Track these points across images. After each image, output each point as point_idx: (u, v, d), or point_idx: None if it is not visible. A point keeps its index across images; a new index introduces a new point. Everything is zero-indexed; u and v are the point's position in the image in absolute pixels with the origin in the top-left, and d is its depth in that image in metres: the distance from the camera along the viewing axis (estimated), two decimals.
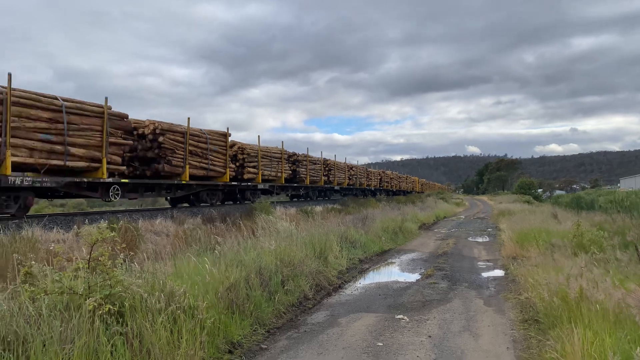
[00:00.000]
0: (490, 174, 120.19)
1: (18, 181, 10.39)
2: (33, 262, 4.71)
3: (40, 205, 26.73)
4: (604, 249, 8.48)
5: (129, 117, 13.66)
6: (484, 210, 39.61)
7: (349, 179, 35.55)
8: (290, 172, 25.14)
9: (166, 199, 17.65)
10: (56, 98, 11.37)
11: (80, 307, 4.17)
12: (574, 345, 4.36)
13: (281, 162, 23.57)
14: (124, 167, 13.32)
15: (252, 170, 20.29)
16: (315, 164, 28.59)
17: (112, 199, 13.00)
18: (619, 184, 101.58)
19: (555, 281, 6.28)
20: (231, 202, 20.10)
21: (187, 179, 15.67)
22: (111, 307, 4.20)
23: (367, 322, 6.22)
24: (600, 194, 31.14)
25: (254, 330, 5.64)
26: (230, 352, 4.97)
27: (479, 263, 11.35)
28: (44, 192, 12.11)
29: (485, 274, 9.86)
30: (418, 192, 61.47)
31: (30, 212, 11.76)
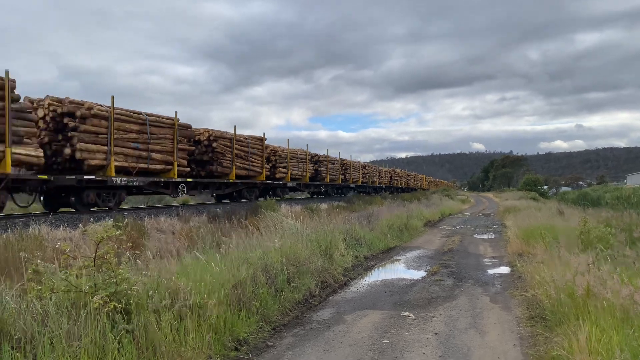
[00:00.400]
0: (495, 171, 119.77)
1: (118, 181, 13.15)
2: (39, 260, 4.73)
3: None
4: (611, 246, 8.43)
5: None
6: (489, 207, 39.50)
7: (363, 177, 38.05)
8: (313, 171, 28.06)
9: (212, 195, 20.43)
10: (141, 113, 14.21)
11: (87, 304, 4.19)
12: (581, 342, 4.34)
13: (306, 162, 26.61)
14: (189, 169, 16.26)
15: (282, 170, 23.57)
16: (333, 163, 31.35)
17: (180, 195, 15.65)
18: (625, 181, 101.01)
19: (562, 278, 6.25)
20: (262, 198, 22.19)
21: (234, 178, 18.69)
22: (116, 304, 4.22)
23: (373, 319, 6.22)
24: (606, 190, 30.99)
25: (260, 328, 5.65)
26: (236, 349, 4.98)
27: (485, 260, 11.32)
28: (132, 190, 14.60)
29: (491, 271, 9.83)
30: (424, 190, 61.56)
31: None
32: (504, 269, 10.02)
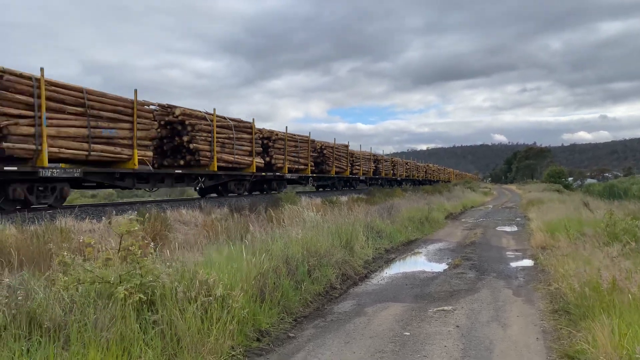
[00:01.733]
0: (518, 163, 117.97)
1: (222, 175, 17.09)
2: (65, 252, 4.85)
3: (78, 195, 27.39)
4: (638, 239, 8.26)
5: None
6: (512, 199, 38.99)
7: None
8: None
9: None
10: (226, 119, 17.23)
11: (112, 295, 4.29)
12: (606, 337, 4.28)
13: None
14: (262, 164, 19.03)
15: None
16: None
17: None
18: None
19: (587, 271, 6.16)
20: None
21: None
22: (141, 296, 4.30)
23: (394, 312, 6.22)
24: (634, 182, 30.28)
25: (282, 319, 5.70)
26: (258, 340, 5.04)
27: (508, 253, 11.20)
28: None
29: (514, 264, 9.73)
30: (445, 182, 61.17)
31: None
32: (527, 262, 9.90)
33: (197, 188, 17.49)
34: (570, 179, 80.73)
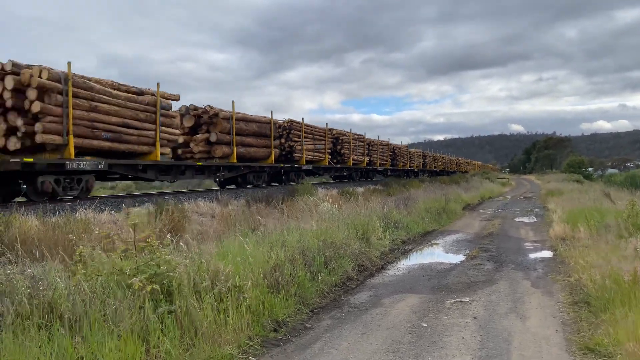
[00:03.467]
0: (538, 153, 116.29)
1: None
2: (81, 246, 4.92)
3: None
4: None
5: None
6: (531, 189, 38.51)
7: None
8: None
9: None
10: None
11: (130, 286, 4.34)
12: (627, 329, 4.22)
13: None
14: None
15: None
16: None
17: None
18: None
19: (608, 263, 6.06)
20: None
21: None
22: (155, 286, 4.33)
23: (411, 303, 6.20)
24: None
25: (298, 310, 5.72)
26: (275, 330, 5.06)
27: (526, 244, 11.08)
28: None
29: (532, 255, 9.62)
30: (462, 172, 60.71)
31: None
32: (546, 253, 9.78)
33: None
34: (590, 169, 79.45)
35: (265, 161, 18.64)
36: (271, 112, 18.96)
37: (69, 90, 10.45)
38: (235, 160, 16.58)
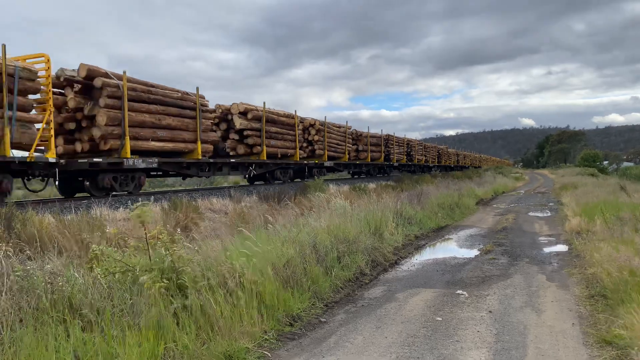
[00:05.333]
0: (551, 147, 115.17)
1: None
2: (94, 245, 4.98)
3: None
4: None
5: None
6: (544, 184, 38.16)
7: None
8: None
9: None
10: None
11: (143, 283, 4.38)
12: None
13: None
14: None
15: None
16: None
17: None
18: None
19: (625, 256, 5.99)
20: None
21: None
22: (166, 282, 4.37)
23: (425, 298, 6.19)
24: None
25: (313, 304, 5.73)
26: (290, 324, 5.08)
27: (541, 238, 10.99)
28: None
29: (547, 249, 9.54)
30: (476, 167, 60.42)
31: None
32: (561, 247, 9.69)
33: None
34: (605, 162, 78.49)
35: (291, 158, 19.88)
36: (295, 111, 20.30)
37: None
38: (265, 158, 17.74)
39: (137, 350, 3.76)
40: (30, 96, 10.01)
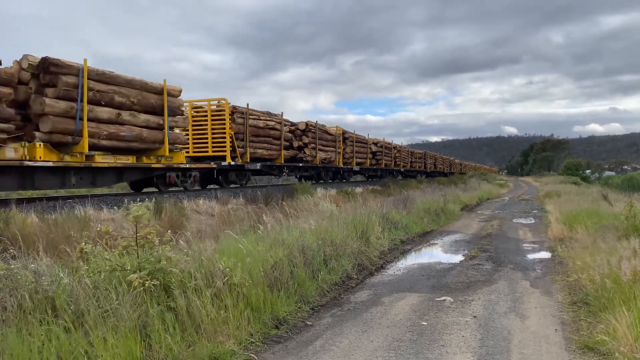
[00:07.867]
0: (535, 155, 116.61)
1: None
2: (83, 243, 4.93)
3: None
4: None
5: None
6: (528, 191, 38.59)
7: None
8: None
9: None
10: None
11: (131, 282, 4.34)
12: (626, 328, 4.24)
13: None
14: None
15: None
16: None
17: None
18: None
19: (607, 263, 6.09)
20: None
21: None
22: (155, 282, 4.34)
23: (411, 302, 6.22)
24: None
25: (299, 308, 5.73)
26: (276, 327, 5.08)
27: (525, 245, 11.11)
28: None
29: (531, 256, 9.65)
30: (460, 173, 61.01)
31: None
32: (545, 254, 9.81)
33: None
34: (588, 171, 79.70)
35: (332, 163, 25.63)
36: (338, 127, 26.29)
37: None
38: (318, 162, 23.48)
39: (117, 351, 3.72)
40: None
